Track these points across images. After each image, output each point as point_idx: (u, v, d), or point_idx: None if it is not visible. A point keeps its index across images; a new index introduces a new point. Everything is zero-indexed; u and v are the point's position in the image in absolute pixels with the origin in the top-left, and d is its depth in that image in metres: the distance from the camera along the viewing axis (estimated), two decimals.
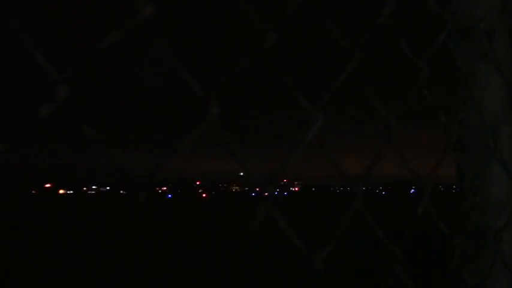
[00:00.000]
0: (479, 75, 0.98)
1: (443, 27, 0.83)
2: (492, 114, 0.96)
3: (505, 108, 0.97)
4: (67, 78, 0.39)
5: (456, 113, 0.85)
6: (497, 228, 0.92)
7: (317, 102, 0.60)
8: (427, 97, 0.78)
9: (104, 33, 0.42)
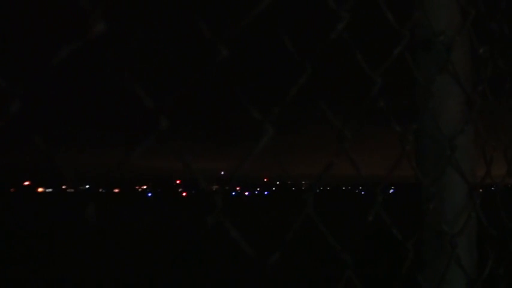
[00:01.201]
0: (438, 86, 1.01)
1: (400, 40, 0.85)
2: (449, 124, 0.99)
3: (462, 118, 1.00)
4: (19, 93, 0.41)
5: (411, 122, 0.88)
6: (453, 234, 0.95)
7: (268, 115, 0.62)
8: (382, 108, 0.81)
9: (55, 48, 0.43)
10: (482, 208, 1.12)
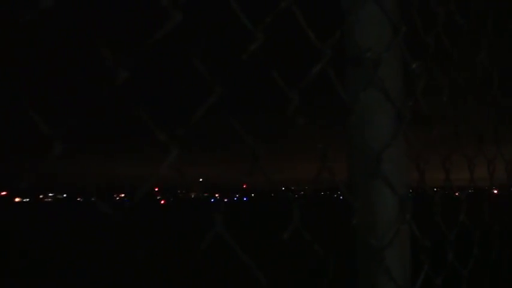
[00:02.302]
0: (367, 102, 1.03)
1: (320, 58, 0.87)
2: (378, 138, 1.01)
3: (391, 133, 1.01)
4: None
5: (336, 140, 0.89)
6: (382, 246, 0.96)
7: (173, 136, 0.63)
8: (302, 126, 0.82)
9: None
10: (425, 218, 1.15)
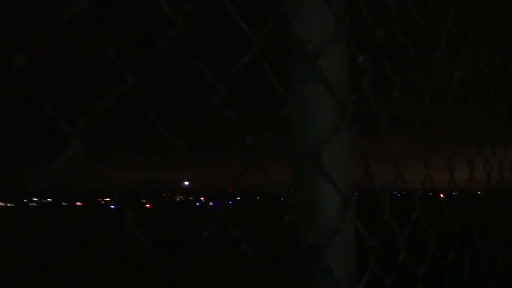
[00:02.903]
0: (309, 96, 1.00)
1: (249, 48, 0.83)
2: (320, 134, 0.98)
3: (334, 128, 0.98)
4: None
5: (264, 133, 0.85)
6: (321, 245, 0.93)
7: (75, 128, 0.59)
8: (229, 118, 0.78)
9: None
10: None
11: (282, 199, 1.00)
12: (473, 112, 1.88)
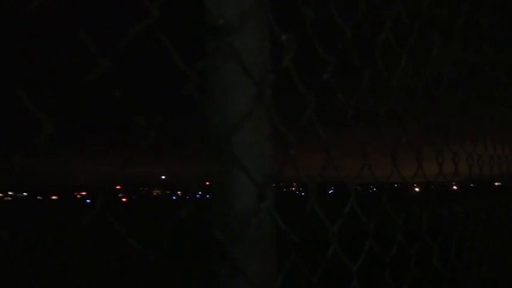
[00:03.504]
0: (222, 76, 0.91)
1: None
2: (232, 118, 0.89)
3: (250, 112, 0.90)
4: None
5: (159, 115, 0.76)
6: (228, 241, 0.84)
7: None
8: (111, 95, 0.69)
9: None
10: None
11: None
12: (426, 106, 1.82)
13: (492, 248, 2.39)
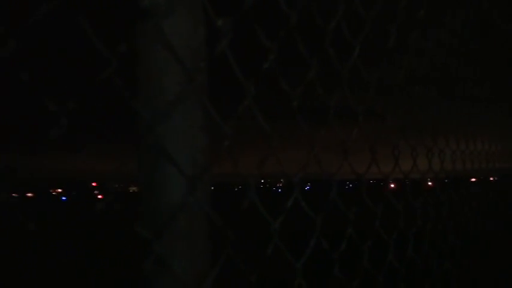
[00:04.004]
0: (151, 61, 0.86)
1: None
2: (160, 106, 0.84)
3: (178, 100, 0.84)
4: None
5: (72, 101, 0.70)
6: (153, 237, 0.79)
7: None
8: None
9: None
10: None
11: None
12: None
13: (455, 245, 2.37)
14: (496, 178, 3.61)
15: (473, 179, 3.13)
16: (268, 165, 1.18)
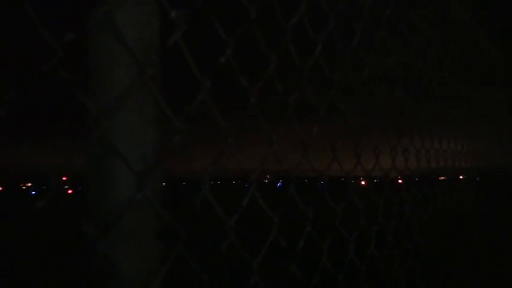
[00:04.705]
0: (101, 52, 0.83)
1: None
2: (109, 99, 0.80)
3: (128, 94, 0.81)
4: None
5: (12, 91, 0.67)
6: (98, 235, 0.76)
7: None
8: None
9: None
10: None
11: None
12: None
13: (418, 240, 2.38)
14: (464, 177, 3.66)
15: (442, 178, 3.16)
16: (226, 162, 1.15)
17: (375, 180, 1.98)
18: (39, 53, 0.76)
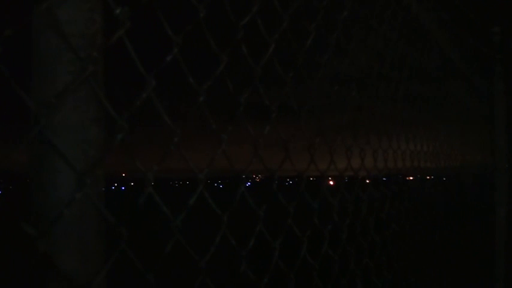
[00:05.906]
0: (44, 49, 0.82)
1: None
2: (49, 96, 0.80)
3: (67, 91, 0.81)
4: None
5: None
6: (37, 235, 0.75)
7: None
8: None
9: None
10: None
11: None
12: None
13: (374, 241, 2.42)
14: (431, 177, 3.73)
15: (410, 178, 3.21)
16: (175, 161, 1.16)
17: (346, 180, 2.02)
18: None
